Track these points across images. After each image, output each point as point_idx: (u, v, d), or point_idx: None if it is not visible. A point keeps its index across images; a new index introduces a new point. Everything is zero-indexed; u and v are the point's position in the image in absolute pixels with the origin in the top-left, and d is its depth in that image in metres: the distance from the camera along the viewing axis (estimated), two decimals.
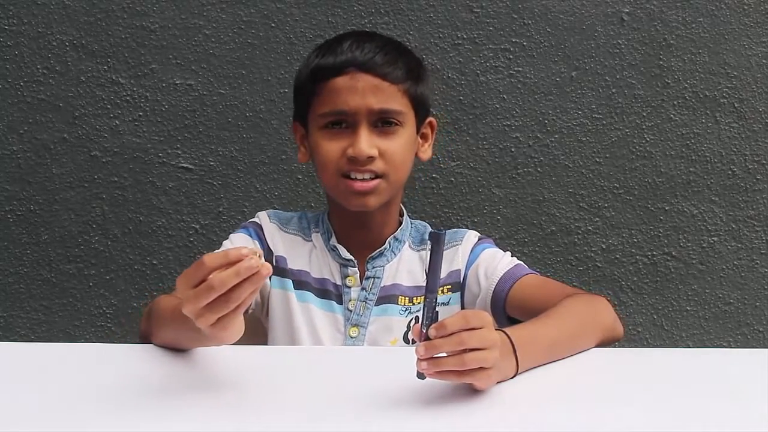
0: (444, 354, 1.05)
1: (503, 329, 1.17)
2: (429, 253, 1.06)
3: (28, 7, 2.17)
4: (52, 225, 2.23)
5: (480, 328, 1.05)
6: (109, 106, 2.20)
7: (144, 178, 2.22)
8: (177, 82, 2.19)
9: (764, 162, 2.25)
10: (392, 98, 1.41)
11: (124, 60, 2.19)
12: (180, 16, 2.18)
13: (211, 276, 0.99)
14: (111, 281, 2.25)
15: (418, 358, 1.04)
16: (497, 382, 1.13)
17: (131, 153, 2.21)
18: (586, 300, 1.37)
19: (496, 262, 1.48)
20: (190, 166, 2.22)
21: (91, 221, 2.24)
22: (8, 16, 2.17)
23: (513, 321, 1.38)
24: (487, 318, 1.08)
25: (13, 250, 2.24)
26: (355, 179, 1.41)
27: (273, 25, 2.19)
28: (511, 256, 1.50)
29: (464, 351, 1.04)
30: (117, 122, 2.20)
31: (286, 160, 2.21)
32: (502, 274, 1.45)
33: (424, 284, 1.08)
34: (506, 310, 1.44)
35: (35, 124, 2.20)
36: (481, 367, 1.06)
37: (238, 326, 1.05)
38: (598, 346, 1.31)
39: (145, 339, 1.34)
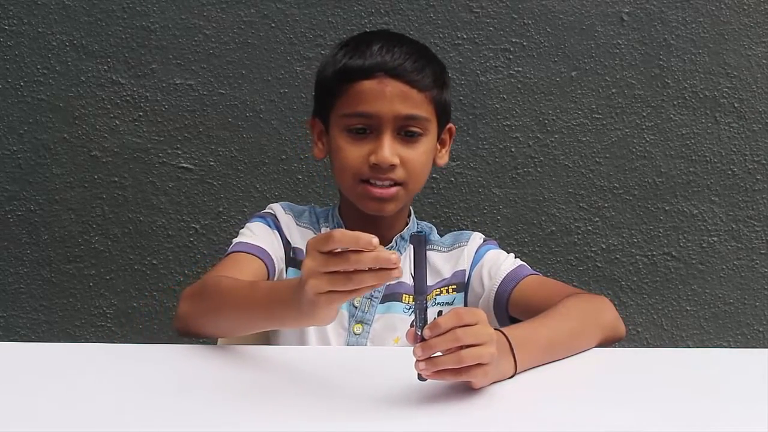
0: (441, 353, 1.05)
1: (501, 329, 1.17)
2: (412, 256, 1.05)
3: (28, 7, 2.17)
4: (52, 225, 2.23)
5: (474, 325, 1.05)
6: (109, 106, 2.20)
7: (144, 178, 2.22)
8: (177, 82, 2.19)
9: (764, 162, 2.25)
10: (419, 105, 1.41)
11: (124, 60, 2.18)
12: (180, 16, 2.18)
13: (352, 254, 0.98)
14: (111, 281, 2.25)
15: (416, 360, 1.04)
16: (496, 382, 1.13)
17: (131, 153, 2.21)
18: (587, 299, 1.36)
19: (500, 263, 1.48)
20: (190, 166, 2.22)
21: (91, 221, 2.23)
22: (8, 16, 2.17)
23: (515, 321, 1.37)
24: (481, 314, 1.07)
25: (13, 250, 2.24)
26: (374, 185, 1.41)
27: (273, 25, 2.19)
28: (515, 258, 1.51)
29: (460, 348, 1.04)
30: (117, 122, 2.20)
31: (286, 160, 2.21)
32: (505, 275, 1.46)
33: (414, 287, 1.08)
34: (509, 310, 1.44)
35: (35, 124, 2.20)
36: (478, 364, 1.06)
37: (333, 313, 1.06)
38: (600, 345, 1.31)
39: (187, 323, 1.30)
